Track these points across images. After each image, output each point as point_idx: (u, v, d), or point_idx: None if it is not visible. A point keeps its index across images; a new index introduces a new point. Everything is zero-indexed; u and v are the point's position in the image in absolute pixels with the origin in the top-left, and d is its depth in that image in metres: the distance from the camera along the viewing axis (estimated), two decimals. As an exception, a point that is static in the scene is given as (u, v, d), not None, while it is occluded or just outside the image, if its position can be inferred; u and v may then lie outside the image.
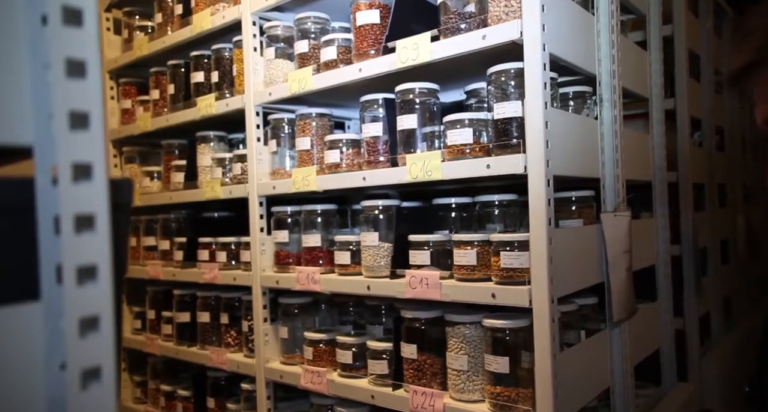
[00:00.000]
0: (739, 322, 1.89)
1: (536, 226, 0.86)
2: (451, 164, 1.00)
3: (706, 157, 1.68)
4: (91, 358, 0.35)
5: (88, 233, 0.35)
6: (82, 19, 0.36)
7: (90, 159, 0.36)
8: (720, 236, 1.74)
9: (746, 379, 1.68)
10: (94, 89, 0.36)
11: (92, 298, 0.35)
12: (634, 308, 1.10)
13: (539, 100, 0.88)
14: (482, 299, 0.93)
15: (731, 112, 2.02)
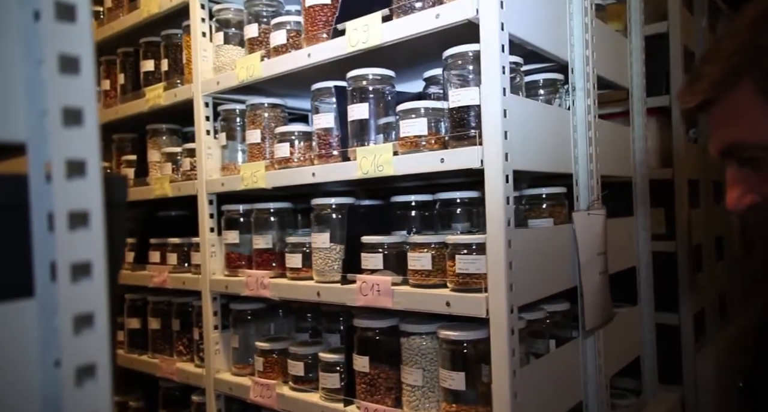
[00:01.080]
0: (734, 318, 1.89)
1: (493, 227, 0.78)
2: (403, 158, 0.91)
3: (701, 154, 1.67)
4: (86, 355, 0.35)
5: (83, 230, 0.35)
6: (76, 14, 0.36)
7: (84, 155, 0.36)
8: (715, 232, 1.74)
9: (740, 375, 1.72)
10: (88, 85, 0.36)
11: (87, 295, 0.36)
12: (610, 314, 1.03)
13: (496, 86, 0.79)
14: (436, 307, 0.85)
15: None
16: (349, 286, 1.00)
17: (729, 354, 1.64)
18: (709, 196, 1.73)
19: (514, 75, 0.91)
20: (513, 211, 0.81)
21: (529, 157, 0.87)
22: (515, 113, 0.83)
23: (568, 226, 0.98)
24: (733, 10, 2.02)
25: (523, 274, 0.83)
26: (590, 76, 1.03)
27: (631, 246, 1.26)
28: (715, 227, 1.75)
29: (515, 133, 0.82)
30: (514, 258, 0.80)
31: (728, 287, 1.90)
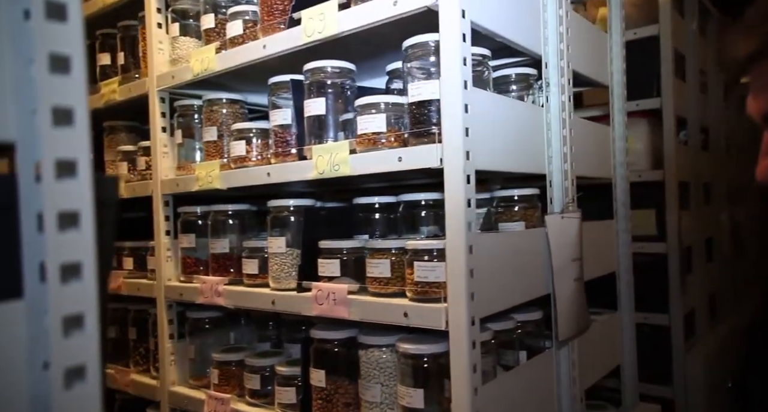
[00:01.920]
0: (723, 319, 1.90)
1: (453, 231, 0.72)
2: (360, 157, 0.85)
3: (692, 156, 1.69)
4: (76, 357, 0.35)
5: (73, 231, 0.35)
6: (66, 13, 0.36)
7: (74, 155, 0.36)
8: (705, 234, 1.75)
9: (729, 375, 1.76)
10: (79, 85, 0.36)
11: (76, 296, 0.35)
12: (586, 322, 0.97)
13: (457, 79, 0.73)
14: (393, 318, 0.79)
15: (716, 112, 2.05)
16: (304, 294, 0.93)
17: (718, 355, 1.67)
18: (699, 198, 1.72)
19: (480, 68, 0.85)
20: (474, 214, 0.75)
21: (496, 156, 0.82)
22: (479, 109, 0.77)
23: (541, 230, 0.92)
24: (723, 14, 2.07)
25: (488, 282, 0.77)
26: (565, 71, 0.97)
27: (612, 250, 1.20)
28: (705, 229, 1.75)
29: (479, 130, 0.77)
30: (477, 265, 0.74)
31: (718, 288, 1.89)
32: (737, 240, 2.18)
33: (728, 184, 2.14)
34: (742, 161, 2.40)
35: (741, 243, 2.25)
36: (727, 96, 2.18)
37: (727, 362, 1.75)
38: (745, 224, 2.35)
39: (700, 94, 1.80)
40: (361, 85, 1.07)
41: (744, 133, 2.50)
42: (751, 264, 2.47)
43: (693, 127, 1.74)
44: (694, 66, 1.73)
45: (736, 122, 2.36)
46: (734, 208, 2.21)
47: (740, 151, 2.40)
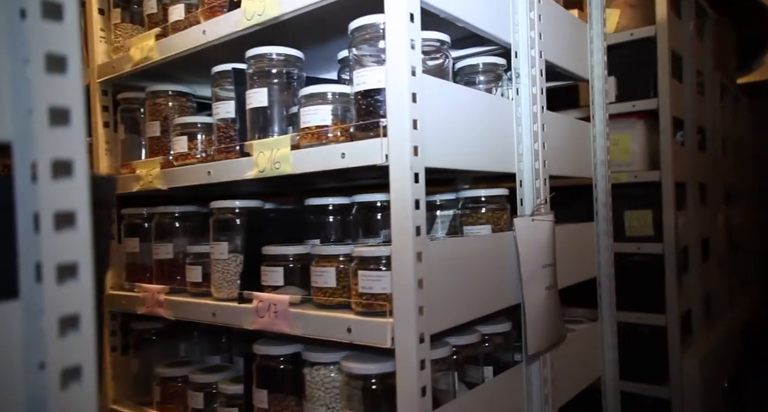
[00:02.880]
0: (719, 319, 1.86)
1: (399, 236, 0.63)
2: (302, 153, 0.74)
3: (688, 157, 1.67)
4: (72, 357, 0.34)
5: (69, 231, 0.34)
6: (63, 13, 0.34)
7: (71, 155, 0.35)
8: (701, 234, 1.71)
9: (725, 375, 1.78)
10: (76, 85, 0.35)
11: (73, 296, 0.34)
12: (560, 334, 0.88)
13: (404, 65, 0.63)
14: (336, 334, 0.70)
15: (712, 113, 2.01)
16: (246, 305, 0.82)
17: (714, 355, 1.67)
18: (695, 199, 1.67)
19: (438, 56, 0.74)
20: (423, 217, 0.65)
21: (453, 153, 0.71)
22: (431, 99, 0.67)
23: (509, 234, 0.84)
24: (719, 15, 2.09)
25: (442, 294, 0.67)
26: (537, 61, 0.87)
27: (592, 255, 1.09)
28: (701, 229, 1.71)
29: (431, 123, 0.67)
30: (428, 275, 0.64)
31: (714, 289, 1.86)
32: (733, 240, 2.20)
33: (724, 185, 2.16)
34: (737, 162, 2.42)
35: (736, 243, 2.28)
36: (723, 97, 2.20)
37: (723, 362, 1.75)
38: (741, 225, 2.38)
39: (697, 95, 1.73)
40: (313, 77, 0.94)
41: (740, 134, 2.52)
42: (746, 264, 2.50)
43: (690, 127, 1.67)
44: (691, 67, 1.66)
45: (732, 123, 2.38)
46: (730, 208, 2.23)
47: (736, 152, 2.42)
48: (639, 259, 1.54)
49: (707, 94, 1.93)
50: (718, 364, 1.67)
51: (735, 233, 2.19)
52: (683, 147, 1.65)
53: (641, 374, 1.51)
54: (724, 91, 2.16)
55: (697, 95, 1.75)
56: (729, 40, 2.30)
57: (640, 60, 1.53)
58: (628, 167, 1.57)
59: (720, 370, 1.69)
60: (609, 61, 1.63)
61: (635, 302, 1.53)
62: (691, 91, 1.69)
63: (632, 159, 1.57)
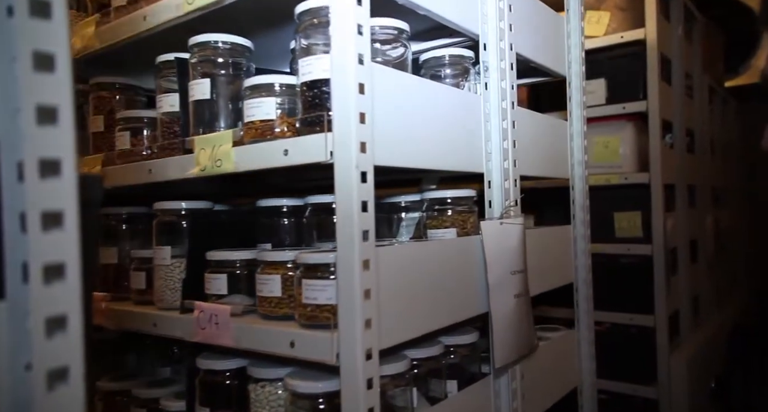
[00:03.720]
0: (707, 320, 1.88)
1: (344, 242, 0.58)
2: (244, 150, 0.69)
3: (677, 159, 1.69)
4: (58, 358, 0.34)
5: (56, 231, 0.34)
6: (51, 11, 0.34)
7: (59, 155, 0.34)
8: (689, 236, 1.73)
9: (712, 375, 1.83)
10: (64, 83, 0.35)
11: (60, 297, 0.34)
12: (530, 345, 0.84)
13: (350, 52, 0.57)
14: (279, 348, 0.65)
15: (701, 115, 2.03)
16: (187, 315, 0.76)
17: (702, 355, 1.68)
18: (684, 201, 1.70)
19: (395, 46, 0.70)
20: (372, 220, 0.59)
21: (409, 150, 0.66)
22: (383, 91, 0.61)
23: (474, 238, 0.78)
24: (707, 18, 2.14)
25: (395, 304, 0.62)
26: (506, 54, 0.83)
27: (570, 259, 1.05)
28: (689, 231, 1.74)
29: (383, 117, 0.61)
30: (377, 284, 0.59)
31: (702, 290, 1.88)
32: (720, 242, 2.26)
33: (712, 187, 2.21)
34: (725, 164, 2.48)
35: (724, 245, 2.34)
36: (711, 100, 2.26)
37: (710, 362, 1.79)
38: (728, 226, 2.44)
39: (686, 97, 1.76)
40: (267, 69, 0.88)
41: (727, 137, 2.59)
42: (734, 266, 2.56)
43: (678, 130, 1.69)
44: (680, 70, 1.67)
45: (720, 126, 2.44)
46: (718, 210, 2.28)
47: (724, 154, 2.48)
48: (628, 260, 1.57)
49: (696, 96, 1.97)
50: (706, 364, 1.71)
51: (723, 234, 2.24)
52: (672, 149, 1.68)
53: (630, 375, 1.54)
54: (712, 94, 2.21)
55: (685, 98, 1.79)
56: (717, 43, 2.36)
57: (630, 62, 1.57)
58: (618, 169, 1.60)
59: (707, 370, 1.73)
60: (599, 64, 1.67)
61: (625, 303, 1.56)
62: (679, 94, 1.73)
63: (622, 161, 1.60)
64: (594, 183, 1.61)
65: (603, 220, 1.60)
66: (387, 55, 0.73)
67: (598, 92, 1.61)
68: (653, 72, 1.50)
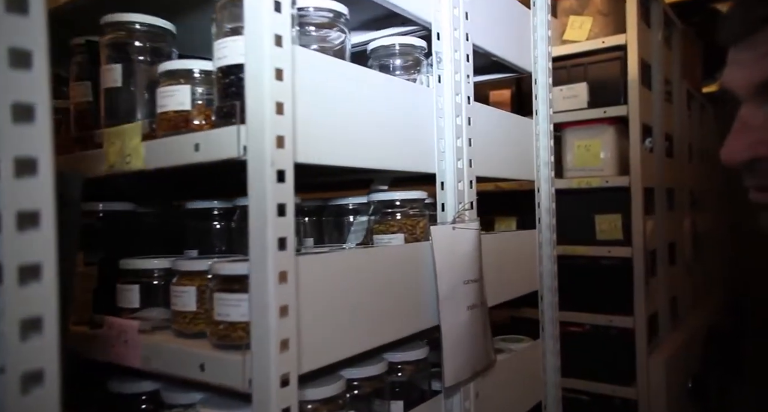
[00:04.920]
0: (684, 321, 1.90)
1: (257, 252, 0.50)
2: (155, 144, 0.61)
3: (657, 163, 1.70)
4: (33, 361, 0.33)
5: (32, 231, 0.34)
6: (28, 6, 0.33)
7: (35, 153, 0.34)
8: (668, 238, 1.77)
9: (690, 375, 1.90)
10: (41, 80, 0.34)
11: (35, 298, 0.33)
12: (486, 361, 0.78)
13: (265, 32, 0.49)
14: (189, 371, 0.58)
15: (680, 120, 2.06)
16: (97, 331, 0.69)
17: (679, 356, 1.70)
18: (663, 204, 1.75)
19: (332, 31, 0.64)
20: (291, 226, 0.51)
21: (341, 146, 0.59)
22: (308, 78, 0.54)
23: (423, 245, 0.71)
24: (686, 25, 2.24)
25: (322, 322, 0.55)
26: (461, 44, 0.77)
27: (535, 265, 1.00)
28: (668, 233, 1.78)
29: (308, 108, 0.54)
30: (299, 299, 0.52)
31: (680, 292, 1.91)
32: (698, 245, 2.36)
33: (690, 191, 2.30)
34: (702, 168, 2.59)
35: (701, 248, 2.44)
36: (690, 105, 2.35)
37: (688, 363, 1.85)
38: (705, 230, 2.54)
39: (665, 102, 1.79)
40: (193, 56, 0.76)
41: (705, 142, 2.70)
42: (710, 268, 2.67)
43: (658, 134, 1.69)
44: (660, 75, 1.69)
45: (698, 131, 2.55)
46: (695, 214, 2.38)
47: (702, 159, 2.59)
48: (609, 262, 1.62)
49: (675, 102, 2.04)
50: (683, 365, 1.77)
51: (700, 237, 2.34)
52: (652, 153, 1.75)
53: (610, 376, 1.59)
54: (690, 99, 2.29)
55: (665, 103, 1.84)
56: (695, 50, 2.45)
57: (612, 67, 1.62)
58: (599, 172, 1.65)
59: (685, 371, 1.79)
60: (582, 68, 1.72)
61: (605, 305, 1.61)
62: (659, 99, 1.78)
63: (603, 164, 1.65)
64: (576, 186, 1.66)
65: (584, 222, 1.65)
66: (326, 42, 0.65)
67: (581, 96, 1.66)
68: (634, 77, 1.55)
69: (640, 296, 1.51)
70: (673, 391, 1.57)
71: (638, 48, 1.52)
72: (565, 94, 1.65)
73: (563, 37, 1.70)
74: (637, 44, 1.51)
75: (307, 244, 0.83)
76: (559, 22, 1.76)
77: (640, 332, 1.50)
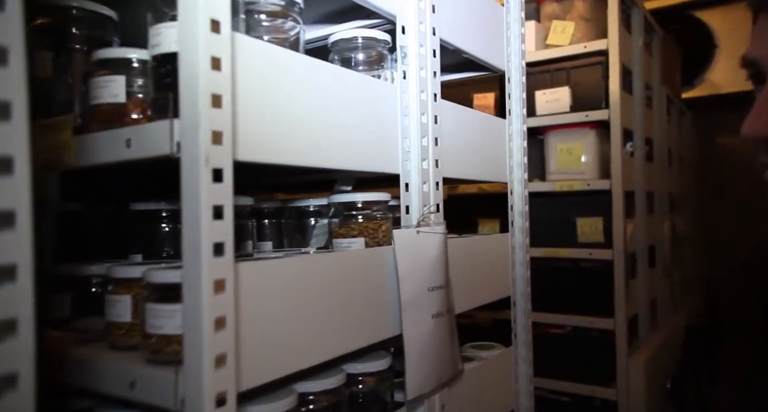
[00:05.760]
0: (663, 323, 1.92)
1: (190, 258, 0.46)
2: (87, 140, 0.57)
3: (637, 167, 1.73)
4: (7, 364, 0.33)
5: (8, 231, 0.33)
6: (4, 2, 0.32)
7: (11, 152, 0.33)
8: (648, 241, 1.80)
9: (668, 376, 1.97)
10: (17, 77, 0.33)
11: (9, 300, 0.33)
12: (453, 370, 0.75)
13: (200, 16, 0.45)
14: (118, 388, 0.53)
15: (659, 125, 2.09)
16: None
17: (658, 357, 1.71)
18: (643, 207, 1.75)
19: (283, 20, 0.61)
20: (230, 230, 0.47)
21: (291, 144, 0.54)
22: (252, 69, 0.50)
23: (388, 249, 0.67)
24: (666, 32, 2.32)
25: (266, 334, 0.51)
26: (428, 38, 0.74)
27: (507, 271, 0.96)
28: (648, 236, 1.81)
29: (252, 102, 0.50)
30: (239, 309, 0.48)
31: (659, 294, 1.93)
32: (676, 247, 2.44)
33: (670, 194, 2.38)
34: (681, 172, 2.68)
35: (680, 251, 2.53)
36: (669, 111, 2.44)
37: (666, 364, 1.91)
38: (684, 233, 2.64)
39: (645, 107, 1.80)
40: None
41: (683, 146, 2.80)
42: (687, 270, 2.77)
43: (638, 138, 1.70)
44: (640, 80, 1.71)
45: (677, 135, 2.64)
46: (674, 217, 2.47)
47: (680, 162, 2.69)
48: (590, 264, 1.66)
49: (655, 107, 2.09)
50: (662, 366, 1.82)
51: (678, 240, 2.43)
52: (632, 157, 1.81)
53: (591, 377, 1.64)
54: (669, 104, 2.36)
55: (645, 108, 1.91)
56: (674, 56, 2.54)
57: (594, 72, 1.67)
58: (581, 176, 1.69)
59: (664, 371, 1.84)
60: (565, 72, 1.77)
61: (587, 307, 1.66)
62: (639, 104, 1.83)
63: (585, 168, 1.69)
64: (558, 189, 1.70)
65: (566, 225, 1.69)
66: (279, 33, 0.61)
67: (563, 100, 1.70)
68: (615, 82, 1.59)
69: (620, 298, 1.55)
70: (652, 392, 1.62)
71: (619, 53, 1.56)
72: (548, 97, 1.69)
73: (546, 41, 1.75)
74: (618, 50, 1.55)
75: (265, 248, 0.79)
76: (542, 26, 1.80)
77: (621, 333, 1.54)
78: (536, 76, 1.69)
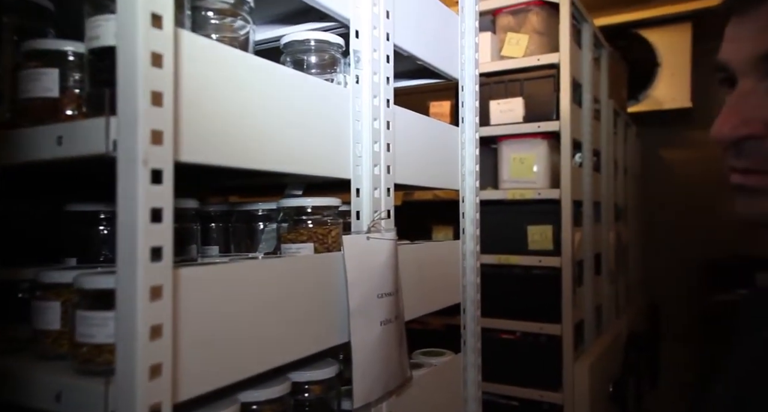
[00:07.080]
0: (607, 329, 2.00)
1: (125, 263, 0.45)
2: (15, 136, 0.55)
3: (585, 177, 1.81)
4: None
5: None
6: None
7: None
8: (594, 249, 1.88)
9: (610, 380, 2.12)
10: None
11: None
12: (402, 377, 0.76)
13: (139, 10, 0.43)
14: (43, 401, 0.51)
15: (607, 137, 2.16)
16: None
17: (602, 362, 1.77)
18: (590, 216, 1.80)
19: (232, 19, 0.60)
20: (170, 234, 0.46)
21: (235, 146, 0.53)
22: (196, 66, 0.49)
23: (338, 255, 0.67)
24: (614, 48, 2.52)
25: (207, 342, 0.50)
26: (381, 43, 0.75)
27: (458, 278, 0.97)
28: (594, 244, 1.89)
29: (195, 101, 0.49)
30: (177, 317, 0.47)
31: (604, 300, 2.02)
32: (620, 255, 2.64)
33: (615, 204, 2.57)
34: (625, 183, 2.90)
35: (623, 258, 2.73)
36: (616, 123, 2.64)
37: (609, 368, 2.05)
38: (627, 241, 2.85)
39: (594, 120, 1.90)
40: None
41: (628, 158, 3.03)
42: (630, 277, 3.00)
43: (587, 150, 1.76)
44: (589, 94, 1.77)
45: (623, 148, 2.86)
46: (618, 226, 2.66)
47: (625, 174, 2.90)
48: (540, 271, 1.74)
49: (602, 119, 2.24)
50: (605, 370, 1.93)
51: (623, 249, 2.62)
52: (581, 168, 1.94)
53: (539, 382, 1.72)
54: (616, 117, 2.51)
55: (593, 120, 2.07)
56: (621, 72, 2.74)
57: (546, 84, 1.78)
58: (533, 185, 1.78)
59: (606, 376, 1.96)
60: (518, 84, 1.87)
61: (536, 313, 1.74)
62: (588, 116, 1.95)
63: (536, 177, 1.78)
64: (510, 197, 1.78)
65: (518, 233, 1.78)
66: (229, 31, 0.59)
67: (516, 110, 1.79)
68: (565, 94, 1.68)
69: (567, 305, 1.64)
70: (596, 395, 1.73)
71: (570, 67, 1.67)
72: (502, 108, 1.77)
73: (501, 52, 1.84)
74: (569, 63, 1.67)
75: (211, 253, 0.77)
76: (497, 38, 1.89)
77: (567, 338, 1.63)
78: (491, 87, 1.77)
